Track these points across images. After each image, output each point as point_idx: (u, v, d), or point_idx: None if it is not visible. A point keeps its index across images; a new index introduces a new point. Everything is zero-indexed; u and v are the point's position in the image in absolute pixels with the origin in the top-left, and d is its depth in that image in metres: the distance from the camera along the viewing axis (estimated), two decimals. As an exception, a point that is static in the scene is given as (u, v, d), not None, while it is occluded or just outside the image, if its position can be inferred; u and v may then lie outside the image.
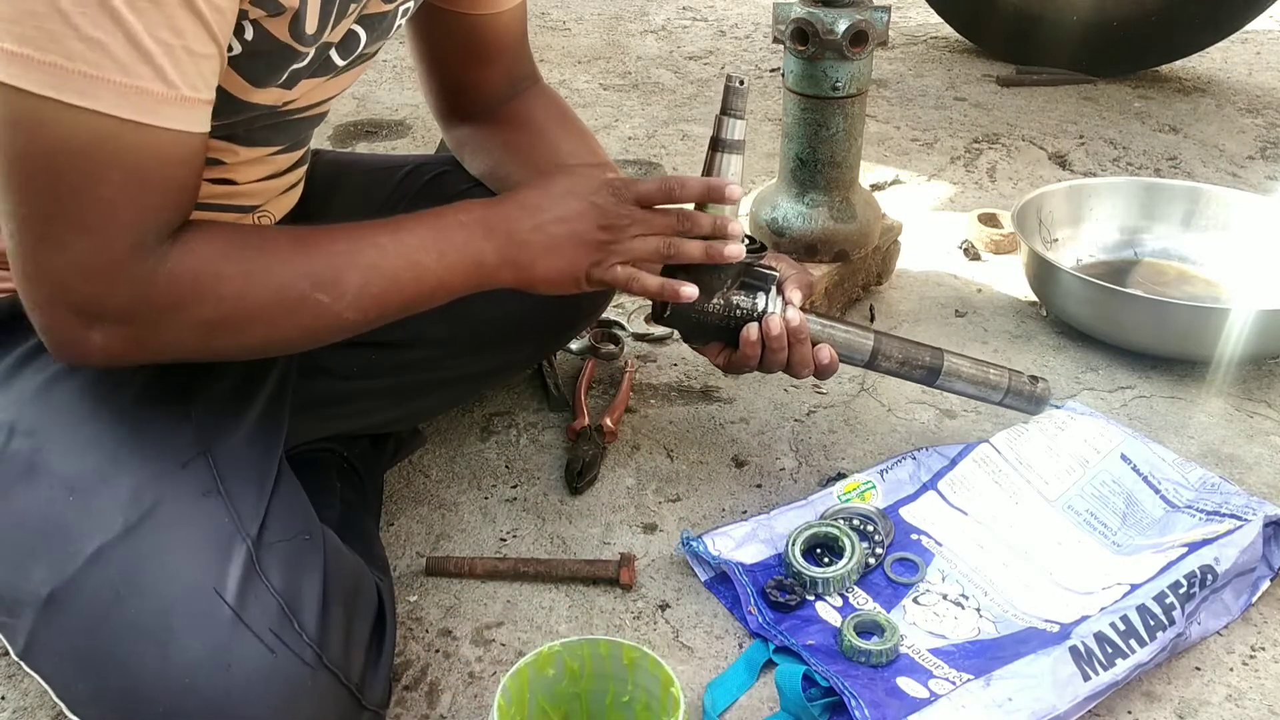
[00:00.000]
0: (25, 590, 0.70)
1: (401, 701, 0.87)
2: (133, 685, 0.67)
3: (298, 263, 0.75)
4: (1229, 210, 1.48)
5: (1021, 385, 1.09)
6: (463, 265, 0.82)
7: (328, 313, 0.75)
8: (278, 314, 0.74)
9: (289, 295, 0.74)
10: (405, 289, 0.79)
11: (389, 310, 0.80)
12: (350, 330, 0.79)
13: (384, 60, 2.50)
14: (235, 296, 0.71)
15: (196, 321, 0.71)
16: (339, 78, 0.86)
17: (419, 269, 0.79)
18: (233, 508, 0.73)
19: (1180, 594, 0.88)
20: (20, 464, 0.73)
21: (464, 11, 0.97)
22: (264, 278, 0.73)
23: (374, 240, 0.78)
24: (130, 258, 0.67)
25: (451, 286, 0.82)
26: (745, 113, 0.92)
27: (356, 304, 0.76)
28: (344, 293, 0.75)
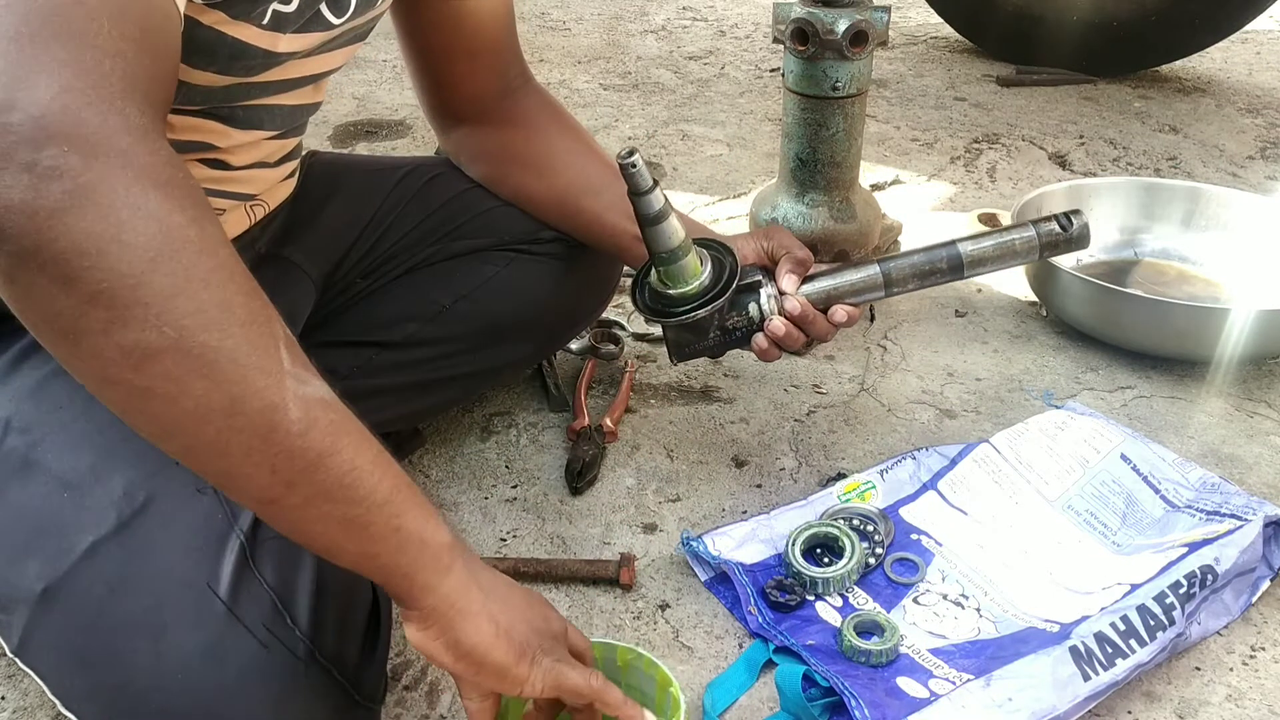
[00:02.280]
0: (20, 586, 0.70)
1: (401, 701, 0.87)
2: (126, 680, 0.67)
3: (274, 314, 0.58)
4: (1229, 210, 1.48)
5: (1055, 236, 1.00)
6: (418, 516, 0.63)
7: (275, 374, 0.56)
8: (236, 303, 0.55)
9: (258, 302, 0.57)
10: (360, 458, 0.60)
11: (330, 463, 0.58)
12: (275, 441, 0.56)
13: (384, 60, 2.51)
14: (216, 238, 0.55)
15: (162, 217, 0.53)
16: (330, 54, 0.86)
17: (383, 465, 0.62)
18: (226, 504, 0.73)
19: (1180, 594, 0.88)
20: (15, 460, 0.73)
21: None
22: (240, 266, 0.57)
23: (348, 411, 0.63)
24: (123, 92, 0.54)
25: (398, 521, 0.62)
26: (652, 182, 0.88)
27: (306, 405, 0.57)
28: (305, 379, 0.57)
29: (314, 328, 0.99)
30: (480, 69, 1.04)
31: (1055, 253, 1.03)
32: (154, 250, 0.52)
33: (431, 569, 0.64)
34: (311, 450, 0.57)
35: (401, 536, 0.62)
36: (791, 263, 0.97)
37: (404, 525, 0.62)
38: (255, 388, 0.55)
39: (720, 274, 0.94)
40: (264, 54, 0.76)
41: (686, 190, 1.85)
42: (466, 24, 1.00)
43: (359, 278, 1.04)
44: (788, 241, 0.99)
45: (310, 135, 1.01)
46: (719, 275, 0.94)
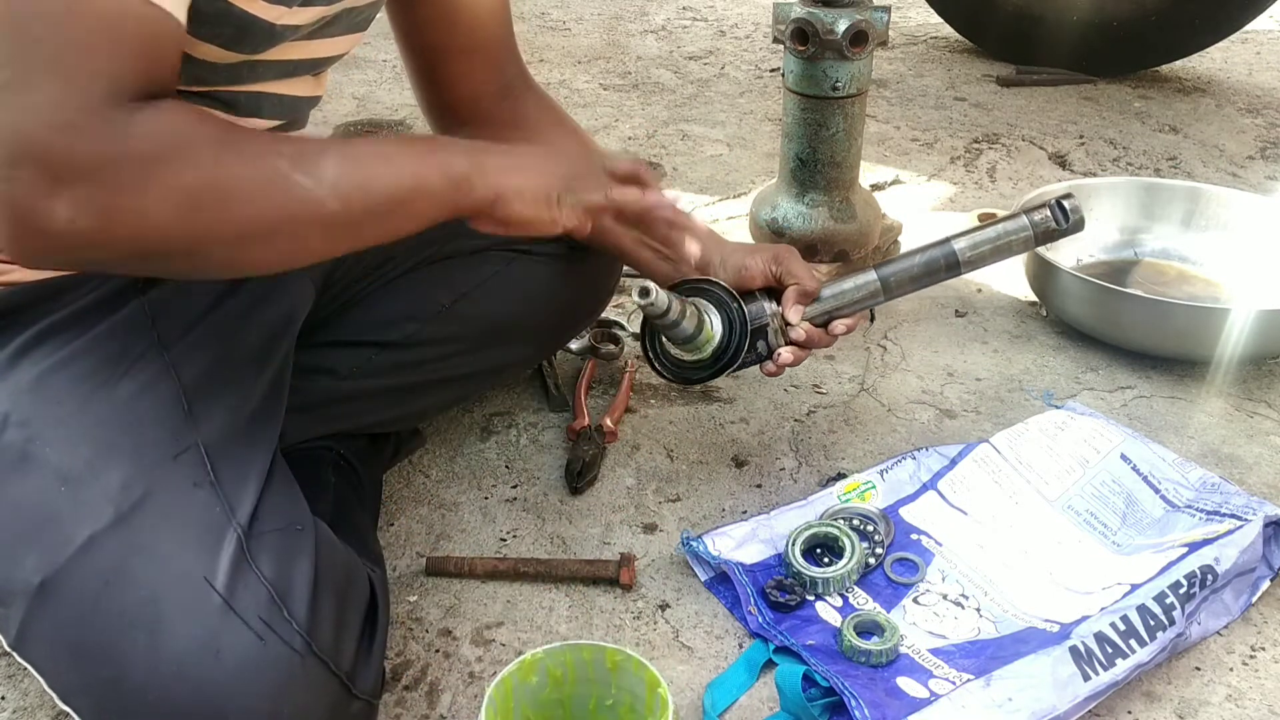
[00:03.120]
0: (17, 579, 0.70)
1: (401, 701, 0.87)
2: (123, 673, 0.67)
3: (272, 142, 0.72)
4: (1229, 210, 1.48)
5: (1049, 224, 1.02)
6: (435, 167, 0.78)
7: (310, 197, 0.70)
8: (257, 189, 0.68)
9: (267, 169, 0.69)
10: (384, 181, 0.74)
11: (372, 205, 0.74)
12: (335, 228, 0.73)
13: (384, 60, 2.51)
14: (212, 161, 0.67)
15: (173, 186, 0.64)
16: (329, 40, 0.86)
17: (393, 163, 0.76)
18: (224, 498, 0.73)
19: (1180, 594, 0.88)
20: (13, 454, 0.74)
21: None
22: (241, 146, 0.69)
23: (350, 140, 0.77)
24: (104, 106, 0.62)
25: (428, 189, 0.77)
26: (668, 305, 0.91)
27: (336, 190, 0.71)
28: (323, 176, 0.71)
29: (314, 327, 0.99)
30: (477, 67, 1.04)
31: (1051, 240, 1.04)
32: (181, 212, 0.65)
33: (466, 195, 0.79)
34: (357, 213, 0.72)
35: (440, 196, 0.77)
36: (799, 294, 1.00)
37: (436, 189, 0.77)
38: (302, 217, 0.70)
39: (731, 332, 0.97)
40: (269, 28, 0.76)
41: (686, 190, 1.85)
42: (461, 21, 1.00)
43: (359, 277, 1.04)
44: (798, 271, 1.01)
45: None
46: (729, 333, 0.97)
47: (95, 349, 0.79)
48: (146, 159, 0.63)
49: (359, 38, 0.92)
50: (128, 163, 0.63)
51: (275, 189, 0.69)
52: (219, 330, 0.85)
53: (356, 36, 0.91)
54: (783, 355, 0.99)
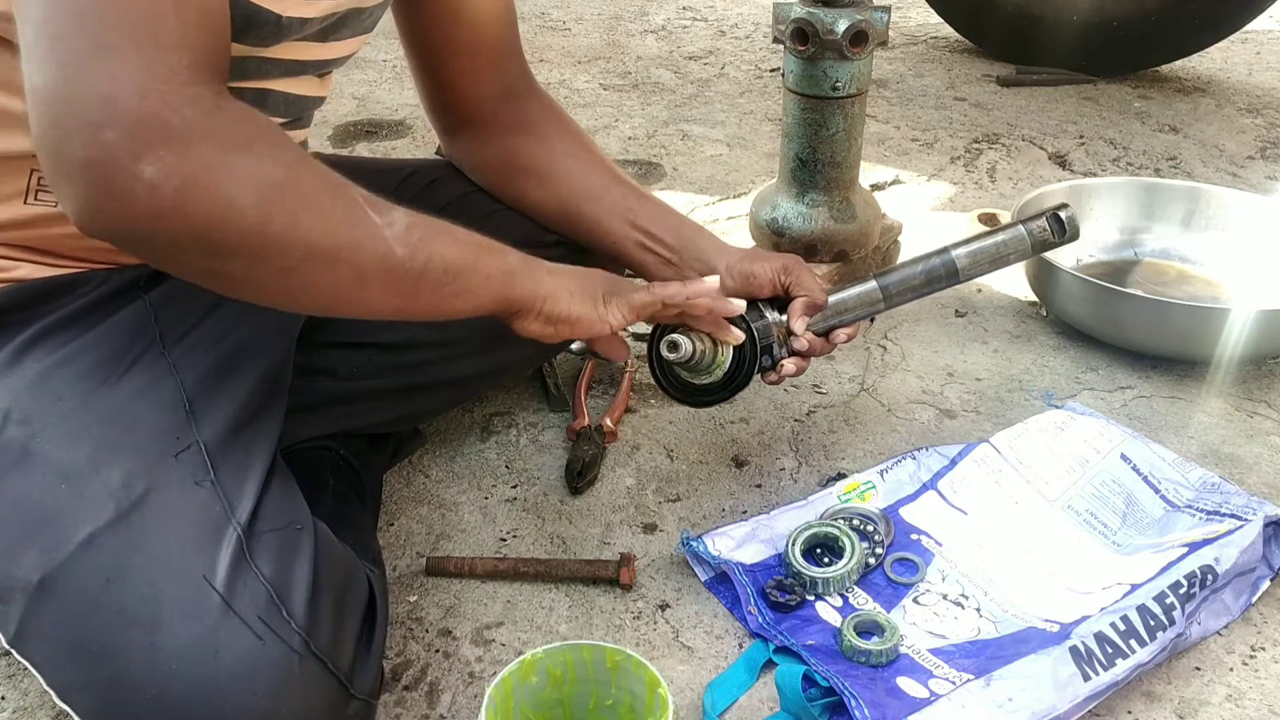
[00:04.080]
0: (16, 576, 0.70)
1: (401, 701, 0.87)
2: (121, 671, 0.67)
3: (348, 181, 0.72)
4: (1229, 210, 1.48)
5: (1045, 234, 1.06)
6: (492, 255, 0.81)
7: (379, 234, 0.71)
8: (332, 204, 0.69)
9: (343, 195, 0.70)
10: (447, 248, 0.77)
11: (434, 267, 0.75)
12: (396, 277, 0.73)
13: (384, 60, 2.51)
14: (295, 164, 0.67)
15: (255, 175, 0.64)
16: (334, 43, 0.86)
17: (455, 237, 0.78)
18: (224, 497, 0.73)
19: (1180, 594, 0.88)
20: (14, 451, 0.74)
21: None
22: (318, 166, 0.70)
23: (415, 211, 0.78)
24: (190, 74, 0.62)
25: (484, 270, 0.80)
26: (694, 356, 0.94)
27: (405, 239, 0.72)
28: (393, 220, 0.72)
29: (315, 327, 0.99)
30: (481, 67, 1.04)
31: (1047, 249, 1.08)
32: (261, 204, 0.64)
33: (515, 288, 0.82)
34: (418, 268, 0.74)
35: (494, 281, 0.80)
36: (807, 306, 1.01)
37: (491, 272, 0.81)
38: (368, 253, 0.71)
39: (742, 354, 0.98)
40: (275, 20, 0.76)
41: (686, 190, 1.85)
42: (466, 20, 1.00)
43: None
44: (808, 283, 1.01)
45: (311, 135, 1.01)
46: (740, 355, 0.98)
47: (97, 347, 0.79)
48: (233, 140, 0.63)
49: (365, 39, 0.92)
50: (216, 139, 0.62)
51: (349, 212, 0.70)
52: (220, 329, 0.85)
53: (363, 38, 0.91)
54: (786, 366, 1.00)
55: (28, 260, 0.81)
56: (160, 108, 0.60)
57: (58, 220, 0.79)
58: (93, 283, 0.82)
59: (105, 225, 0.62)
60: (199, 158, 0.61)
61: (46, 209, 0.79)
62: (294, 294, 0.71)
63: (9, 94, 0.74)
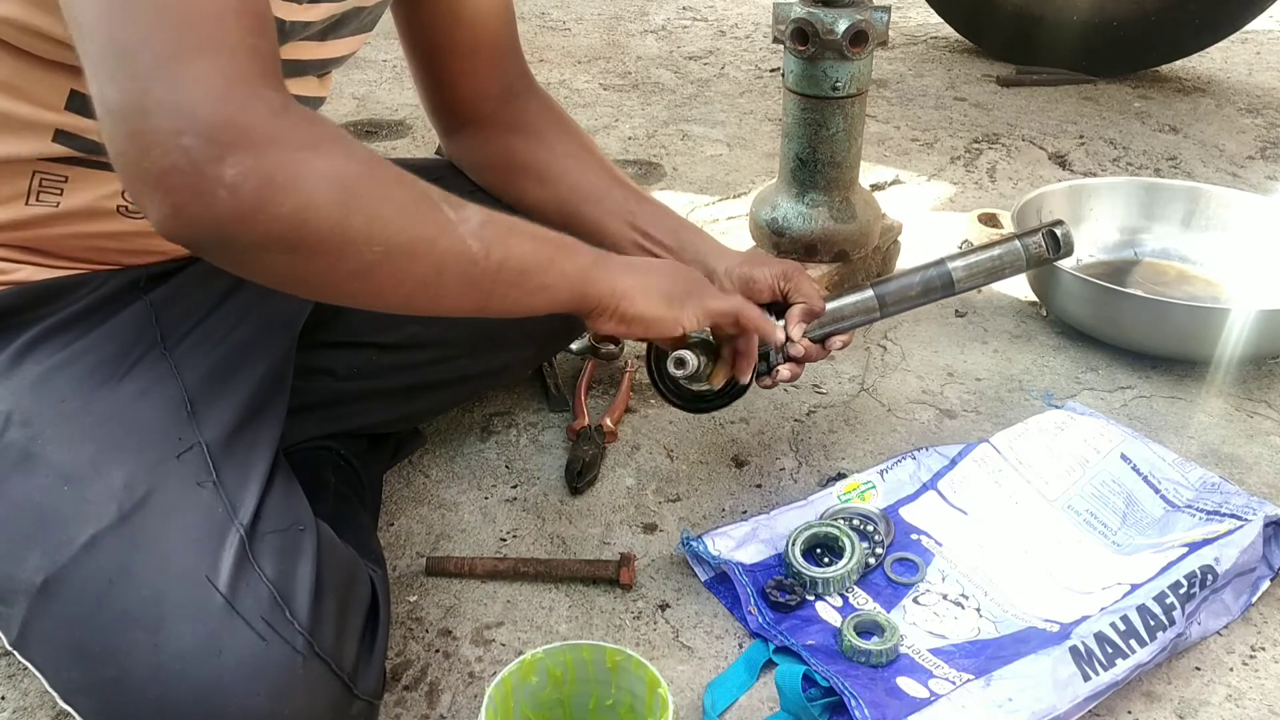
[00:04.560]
0: (19, 578, 0.70)
1: (401, 701, 0.87)
2: (124, 672, 0.67)
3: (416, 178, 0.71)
4: (1229, 210, 1.48)
5: (1040, 250, 1.08)
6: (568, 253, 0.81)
7: (454, 230, 0.71)
8: (408, 201, 0.69)
9: (417, 191, 0.70)
10: (523, 245, 0.77)
11: (509, 264, 0.75)
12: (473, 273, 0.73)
13: (384, 60, 2.51)
14: (368, 162, 0.68)
15: (333, 172, 0.64)
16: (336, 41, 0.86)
17: (533, 235, 0.78)
18: (226, 498, 0.73)
19: (1180, 594, 0.88)
20: (16, 453, 0.74)
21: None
22: (392, 166, 0.70)
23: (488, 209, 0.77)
24: (260, 77, 0.62)
25: (560, 268, 0.80)
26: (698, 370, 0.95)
27: (480, 235, 0.72)
28: (468, 217, 0.72)
29: (315, 327, 0.99)
30: (480, 67, 1.04)
31: (1042, 264, 1.11)
32: (340, 200, 0.64)
33: (592, 285, 0.82)
34: (494, 264, 0.74)
35: (570, 279, 0.81)
36: (805, 313, 1.01)
37: (567, 270, 0.81)
38: (445, 249, 0.71)
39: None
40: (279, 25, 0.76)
41: (686, 190, 1.85)
42: (465, 20, 1.01)
43: None
44: (806, 290, 1.02)
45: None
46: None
47: (98, 349, 0.79)
48: (309, 140, 0.64)
49: (365, 38, 0.92)
50: (293, 139, 0.63)
51: (424, 207, 0.70)
52: (221, 330, 0.85)
53: (363, 37, 0.91)
54: (781, 372, 1.01)
55: (29, 262, 0.81)
56: (235, 112, 0.60)
57: (58, 221, 0.79)
58: (93, 284, 0.82)
59: (191, 230, 0.62)
60: (276, 158, 0.62)
61: (47, 210, 0.79)
62: (376, 292, 0.71)
63: (13, 98, 0.74)
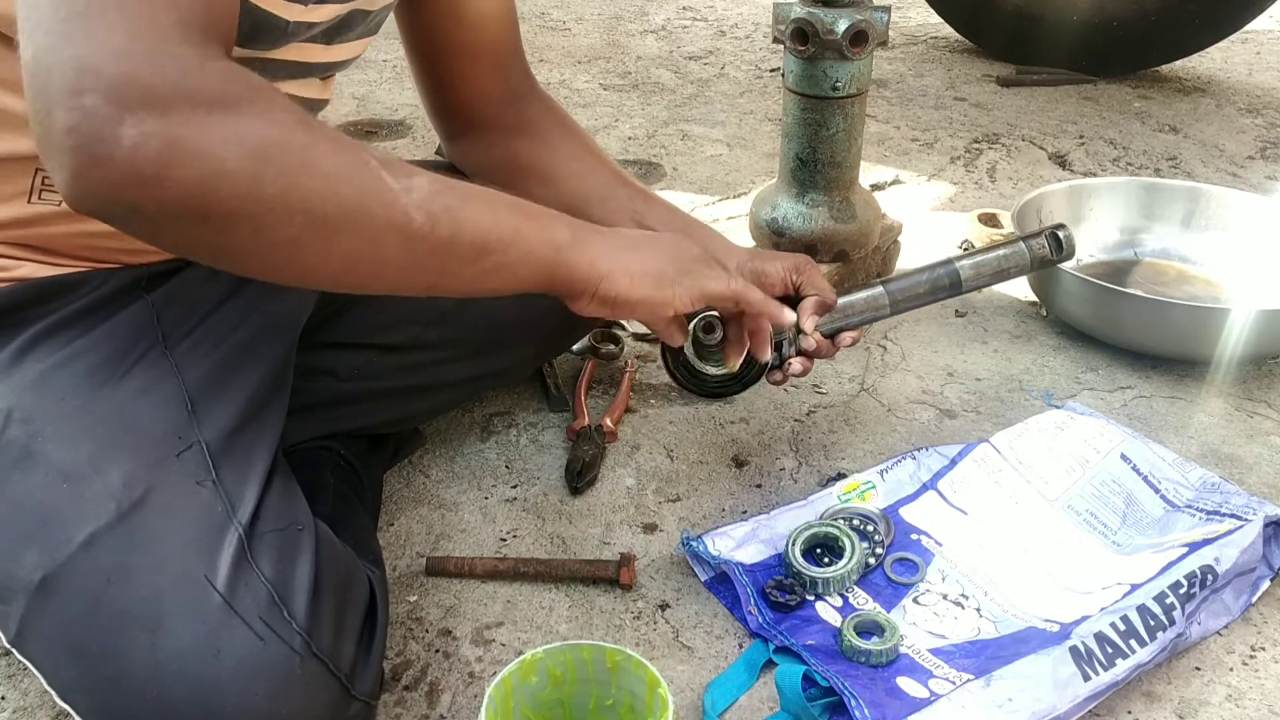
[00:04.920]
0: (18, 576, 0.70)
1: (401, 701, 0.87)
2: (122, 671, 0.67)
3: (364, 144, 0.67)
4: (1229, 210, 1.48)
5: (1044, 252, 1.11)
6: (537, 227, 0.75)
7: (394, 200, 0.65)
8: (338, 167, 0.63)
9: (351, 155, 0.64)
10: (479, 219, 0.70)
11: (462, 239, 0.69)
12: (418, 248, 0.67)
13: (384, 60, 2.51)
14: (292, 124, 0.62)
15: (244, 134, 0.59)
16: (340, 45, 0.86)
17: (494, 207, 0.72)
18: (225, 497, 0.73)
19: (1180, 594, 0.88)
20: (16, 451, 0.74)
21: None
22: (324, 128, 0.65)
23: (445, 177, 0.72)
24: (176, 39, 0.58)
25: (526, 245, 0.73)
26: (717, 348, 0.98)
27: (425, 207, 0.66)
28: (414, 186, 0.66)
29: (316, 328, 0.99)
30: (482, 69, 1.04)
31: (1046, 266, 1.14)
32: (254, 167, 0.59)
33: (564, 266, 0.76)
34: (442, 239, 0.68)
35: (536, 257, 0.75)
36: (818, 305, 1.01)
37: (534, 247, 0.75)
38: (382, 221, 0.65)
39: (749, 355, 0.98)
40: (283, 26, 0.76)
41: (686, 190, 1.85)
42: (467, 23, 1.01)
43: None
44: (818, 283, 1.01)
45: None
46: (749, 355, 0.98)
47: (98, 347, 0.79)
48: (225, 100, 0.59)
49: (369, 41, 0.92)
50: (200, 99, 0.58)
51: (357, 175, 0.64)
52: (222, 329, 0.85)
53: (367, 40, 0.91)
54: (793, 365, 1.01)
55: (30, 259, 0.81)
56: (139, 68, 0.56)
57: (60, 219, 0.79)
58: (95, 282, 0.82)
59: (91, 197, 0.58)
60: (180, 118, 0.57)
61: (50, 208, 0.79)
62: (306, 268, 0.65)
63: (15, 96, 0.74)
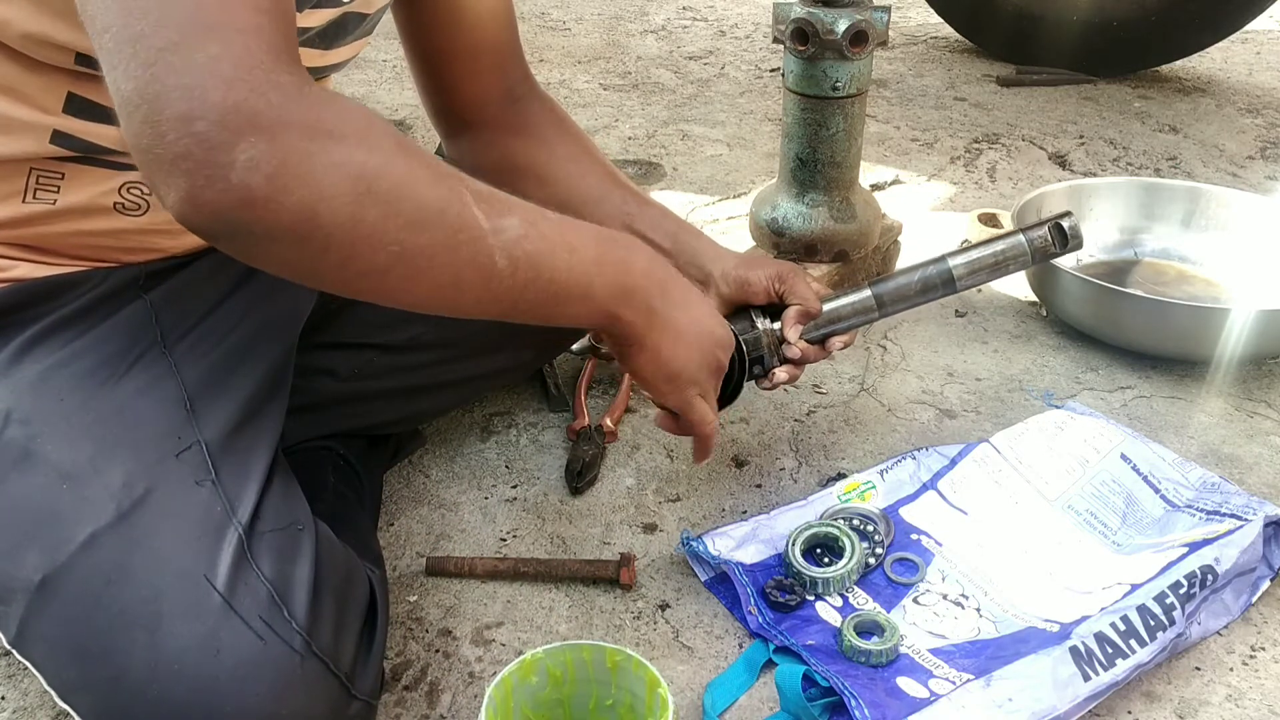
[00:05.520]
0: (18, 576, 0.70)
1: (401, 701, 0.87)
2: (122, 671, 0.67)
3: (462, 175, 0.68)
4: (1229, 210, 1.48)
5: (1046, 242, 1.04)
6: (613, 283, 0.78)
7: (482, 241, 0.67)
8: (434, 202, 0.65)
9: (448, 189, 0.66)
10: (558, 270, 0.73)
11: (536, 287, 0.72)
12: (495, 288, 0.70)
13: (384, 60, 2.51)
14: (393, 152, 0.63)
15: (349, 163, 0.61)
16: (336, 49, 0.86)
17: (576, 257, 0.75)
18: (225, 496, 0.73)
19: (1180, 594, 0.88)
20: (15, 451, 0.74)
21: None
22: (426, 157, 0.66)
23: (541, 210, 0.74)
24: (272, 61, 0.60)
25: (595, 300, 0.77)
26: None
27: (510, 251, 0.69)
28: (503, 228, 0.68)
29: (315, 328, 0.99)
30: (482, 69, 1.04)
31: (1049, 258, 1.06)
32: (354, 193, 0.61)
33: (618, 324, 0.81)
34: (519, 283, 0.71)
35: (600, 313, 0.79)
36: (801, 314, 1.01)
37: (599, 304, 0.78)
38: (466, 259, 0.67)
39: (730, 368, 0.97)
40: None
41: (686, 190, 1.85)
42: (466, 23, 1.01)
43: None
44: (802, 291, 1.01)
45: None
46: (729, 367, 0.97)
47: (98, 347, 0.79)
48: (324, 128, 0.61)
49: (366, 42, 0.92)
50: (307, 126, 0.60)
51: (450, 209, 0.66)
52: (221, 329, 0.85)
53: (364, 42, 0.91)
54: (778, 374, 1.01)
55: (26, 259, 0.81)
56: (247, 95, 0.58)
57: (55, 218, 0.79)
58: (92, 282, 0.82)
59: (204, 216, 0.59)
60: (289, 144, 0.59)
61: (44, 207, 0.79)
62: (389, 292, 0.67)
63: (11, 100, 0.74)
